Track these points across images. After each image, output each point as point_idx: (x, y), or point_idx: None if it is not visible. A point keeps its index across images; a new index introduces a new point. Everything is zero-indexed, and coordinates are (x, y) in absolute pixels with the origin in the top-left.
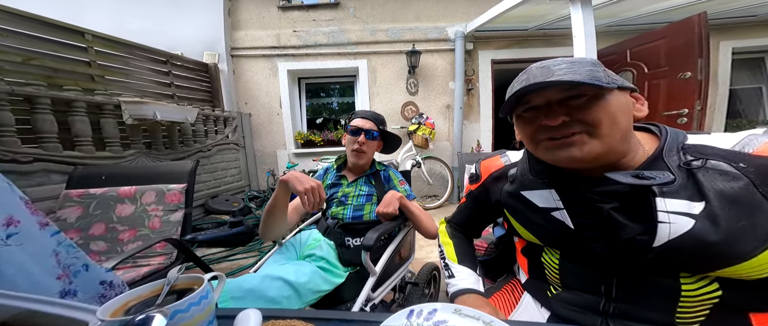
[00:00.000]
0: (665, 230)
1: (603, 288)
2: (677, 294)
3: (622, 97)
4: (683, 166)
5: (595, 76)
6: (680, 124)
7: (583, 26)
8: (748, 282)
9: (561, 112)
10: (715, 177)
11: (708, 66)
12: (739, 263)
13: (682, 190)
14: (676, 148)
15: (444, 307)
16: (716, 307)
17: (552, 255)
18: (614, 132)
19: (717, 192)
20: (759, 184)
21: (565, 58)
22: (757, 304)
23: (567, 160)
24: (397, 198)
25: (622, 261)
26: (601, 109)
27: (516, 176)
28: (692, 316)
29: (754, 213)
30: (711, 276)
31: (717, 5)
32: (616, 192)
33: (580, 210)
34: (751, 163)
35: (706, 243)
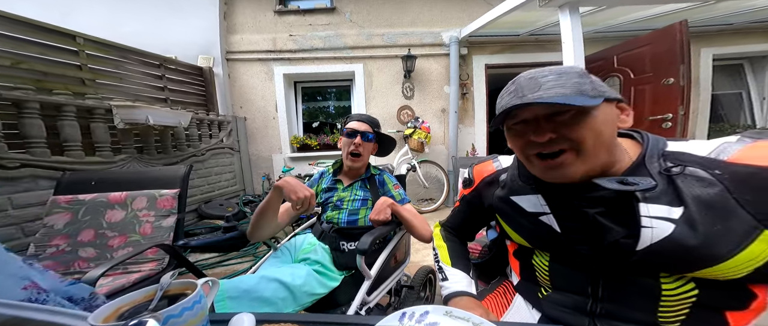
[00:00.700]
0: (648, 234)
1: (590, 289)
2: (658, 294)
3: (607, 109)
4: (663, 173)
5: (581, 90)
6: (665, 129)
7: (571, 32)
8: (722, 282)
9: (548, 128)
10: (692, 183)
11: (689, 72)
12: (715, 265)
13: (663, 196)
14: (657, 154)
15: (435, 309)
16: (695, 306)
17: (542, 258)
18: (598, 147)
19: (694, 198)
20: (733, 190)
21: (553, 69)
22: (732, 303)
23: (559, 180)
24: (388, 204)
25: (607, 263)
26: (586, 126)
27: (506, 181)
28: (673, 315)
29: (728, 218)
30: (688, 276)
31: (695, 13)
32: (601, 198)
33: (566, 215)
34: (725, 170)
35: (685, 247)
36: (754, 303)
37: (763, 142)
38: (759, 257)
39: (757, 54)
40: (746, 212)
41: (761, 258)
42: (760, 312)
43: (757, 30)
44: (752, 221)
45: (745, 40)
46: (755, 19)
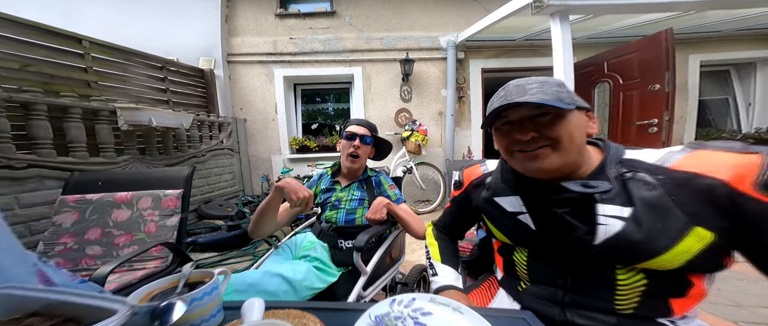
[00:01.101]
0: (603, 231)
1: (560, 281)
2: (614, 284)
3: (579, 116)
4: (618, 177)
5: (559, 97)
6: (651, 134)
7: (561, 39)
8: (665, 272)
9: (531, 128)
10: (640, 186)
11: (674, 79)
12: (656, 257)
13: (617, 197)
14: (615, 161)
15: (421, 297)
16: (644, 294)
17: (522, 254)
18: (572, 146)
19: (641, 199)
20: (671, 193)
21: (537, 78)
22: (674, 291)
23: (535, 171)
24: (384, 204)
25: (573, 257)
26: (563, 127)
27: (491, 184)
28: (627, 302)
29: (667, 216)
30: (637, 268)
31: (682, 21)
32: (568, 199)
33: (540, 214)
34: (667, 176)
35: (632, 242)
36: (692, 291)
37: (700, 152)
38: (691, 250)
39: (743, 61)
40: (681, 212)
41: (693, 251)
42: (699, 300)
43: (744, 37)
44: (685, 219)
45: (732, 47)
46: (741, 27)
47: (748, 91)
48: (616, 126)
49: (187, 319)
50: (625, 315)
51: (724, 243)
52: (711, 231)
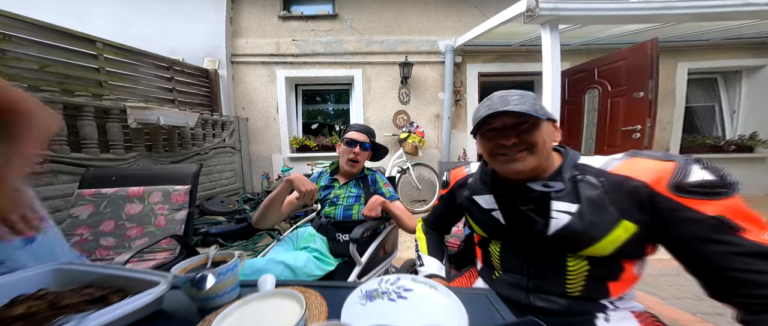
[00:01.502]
0: (554, 223)
1: (525, 269)
2: (565, 270)
3: (548, 125)
4: (571, 179)
5: (535, 108)
6: (634, 139)
7: (550, 47)
8: (602, 258)
9: (513, 134)
10: (587, 186)
11: (657, 87)
12: (594, 244)
13: (568, 195)
14: (571, 165)
15: (404, 276)
16: (588, 278)
17: (496, 246)
18: (544, 150)
19: (585, 197)
20: (609, 192)
21: (516, 92)
22: (610, 275)
23: (514, 172)
24: (379, 202)
25: (534, 247)
26: (538, 134)
27: (471, 184)
28: (575, 286)
29: (603, 211)
30: (582, 255)
31: (669, 31)
32: (531, 197)
33: (508, 210)
34: (607, 178)
35: (575, 232)
36: (624, 275)
37: (633, 159)
38: (619, 239)
39: (730, 69)
40: (614, 207)
41: (620, 240)
42: (631, 283)
43: (731, 46)
44: (617, 214)
45: (719, 56)
46: (729, 36)
47: (734, 99)
48: (603, 131)
49: (213, 290)
50: (574, 297)
51: (645, 234)
52: (635, 223)
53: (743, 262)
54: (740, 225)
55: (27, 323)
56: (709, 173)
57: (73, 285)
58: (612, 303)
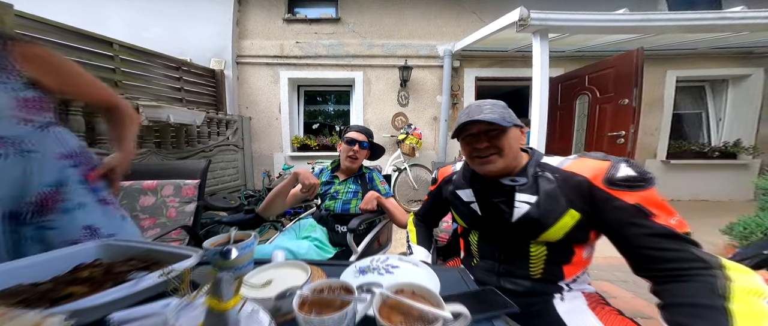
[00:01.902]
0: (517, 212)
1: (497, 255)
2: (528, 256)
3: (515, 131)
4: (533, 175)
5: (503, 117)
6: (619, 144)
7: (540, 54)
8: (556, 243)
9: (485, 139)
10: (544, 181)
11: (641, 94)
12: (547, 230)
13: (529, 188)
14: (535, 163)
15: (393, 256)
16: (546, 262)
17: (474, 236)
18: (510, 153)
19: (543, 190)
20: (560, 186)
21: (489, 101)
22: (564, 258)
23: (487, 171)
24: (375, 197)
25: (504, 235)
26: (505, 139)
27: (455, 180)
28: (537, 269)
29: (555, 202)
30: (540, 241)
31: (657, 40)
32: (502, 191)
33: (484, 203)
34: (560, 174)
35: (533, 219)
36: (575, 259)
37: (582, 159)
38: (566, 226)
39: (717, 78)
40: (564, 199)
41: (568, 226)
42: (582, 266)
43: (718, 56)
44: (565, 204)
45: (707, 65)
46: (716, 46)
47: (720, 107)
48: (591, 136)
49: (236, 261)
50: (536, 280)
51: (586, 221)
52: (579, 212)
53: (653, 242)
54: (652, 212)
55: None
56: (633, 170)
57: (120, 258)
58: (567, 285)
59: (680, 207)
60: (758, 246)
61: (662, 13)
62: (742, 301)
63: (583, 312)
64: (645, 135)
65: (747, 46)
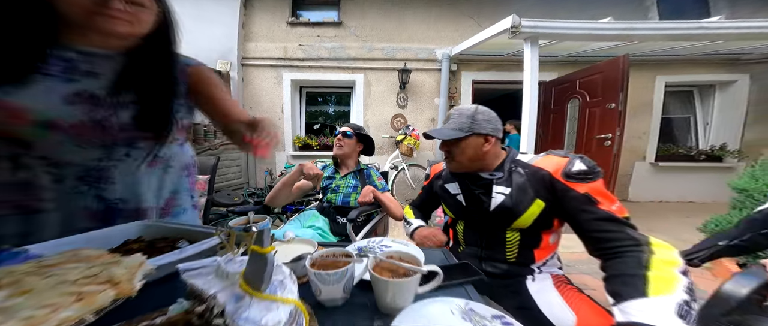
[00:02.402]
0: (494, 202)
1: (479, 241)
2: (505, 241)
3: (474, 139)
4: (508, 170)
5: (460, 127)
6: (606, 147)
7: (530, 60)
8: (527, 229)
9: (444, 146)
10: (517, 175)
11: (626, 99)
12: (518, 218)
13: (505, 182)
14: (511, 160)
15: (387, 238)
16: (519, 247)
17: (461, 225)
18: (462, 158)
19: (515, 183)
20: (529, 179)
21: (459, 109)
22: (533, 243)
23: (450, 169)
24: (371, 191)
25: (484, 223)
26: (457, 147)
27: (444, 175)
28: (512, 254)
29: (525, 193)
30: (514, 227)
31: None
32: (483, 184)
33: (467, 194)
34: (529, 169)
35: (507, 208)
36: (543, 244)
37: (548, 156)
38: (534, 213)
39: (705, 83)
40: (532, 190)
41: (535, 214)
42: (550, 251)
43: (706, 62)
44: (533, 194)
45: (695, 70)
46: (703, 52)
47: (708, 112)
48: (581, 139)
49: None
50: (511, 263)
51: (549, 210)
52: (544, 201)
53: (598, 225)
54: (598, 200)
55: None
56: (584, 165)
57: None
58: (538, 268)
59: (668, 207)
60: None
61: (643, 22)
62: (658, 269)
63: (549, 290)
64: (634, 138)
65: (733, 53)
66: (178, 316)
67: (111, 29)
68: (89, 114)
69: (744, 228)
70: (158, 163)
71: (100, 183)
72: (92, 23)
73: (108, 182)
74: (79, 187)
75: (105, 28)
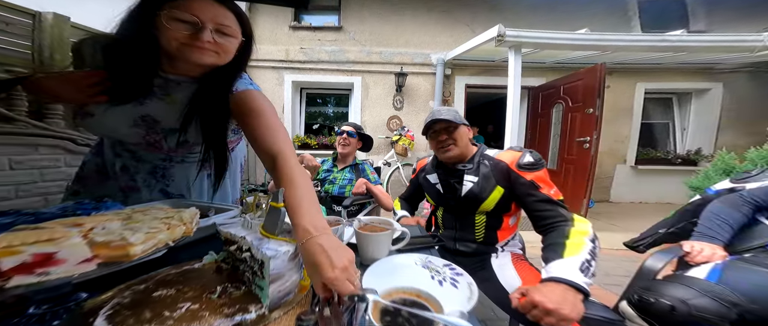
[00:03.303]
0: (464, 189)
1: (454, 224)
2: (474, 224)
3: (464, 129)
4: (477, 162)
5: (455, 118)
6: (585, 149)
7: (514, 67)
8: (490, 213)
9: (445, 133)
10: (483, 166)
11: (603, 104)
12: (483, 203)
13: (473, 172)
14: (480, 154)
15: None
16: (485, 228)
17: (440, 211)
18: (462, 144)
19: (482, 173)
20: (492, 170)
21: (445, 107)
22: (496, 225)
23: (447, 158)
24: (364, 183)
25: (458, 209)
26: (457, 133)
27: (426, 168)
28: (480, 234)
29: (488, 181)
30: (480, 211)
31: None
32: (457, 174)
33: (445, 183)
34: (492, 161)
35: (474, 194)
36: (504, 225)
37: (508, 151)
38: (495, 199)
39: (683, 90)
40: (494, 179)
41: (496, 199)
42: (510, 232)
43: (684, 70)
44: (494, 182)
45: (674, 78)
46: (681, 62)
47: (685, 118)
48: (564, 141)
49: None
50: (479, 243)
51: (508, 195)
52: (503, 188)
53: (539, 206)
54: (540, 185)
55: None
56: (532, 157)
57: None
58: (501, 247)
59: (646, 208)
60: (656, 226)
61: (614, 34)
62: (573, 238)
63: (508, 265)
64: (616, 142)
65: (708, 62)
66: (209, 264)
67: (198, 60)
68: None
69: (678, 218)
70: (207, 168)
71: (164, 179)
72: (183, 55)
73: (169, 178)
74: (149, 181)
75: (192, 59)
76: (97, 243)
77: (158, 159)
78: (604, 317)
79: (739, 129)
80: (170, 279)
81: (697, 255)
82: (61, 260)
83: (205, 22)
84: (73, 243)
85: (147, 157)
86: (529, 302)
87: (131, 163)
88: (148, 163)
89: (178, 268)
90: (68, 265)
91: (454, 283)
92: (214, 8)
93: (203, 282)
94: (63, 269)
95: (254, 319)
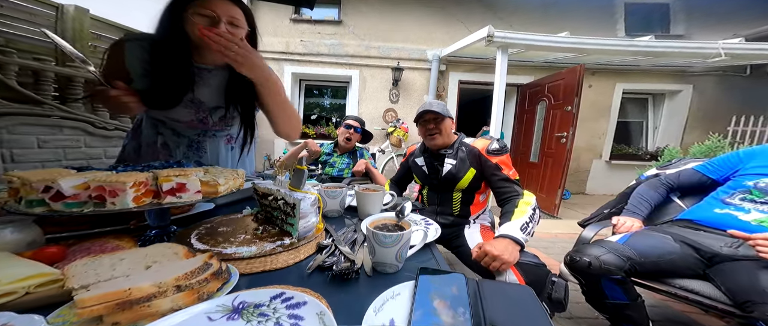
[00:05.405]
0: (444, 170)
1: (436, 200)
2: (451, 199)
3: (449, 121)
4: (457, 148)
5: (443, 111)
6: (562, 143)
7: (500, 65)
8: (465, 190)
9: (433, 123)
10: (461, 152)
11: (579, 103)
12: (459, 181)
13: (453, 156)
14: (459, 142)
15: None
16: (461, 203)
17: (425, 190)
18: (446, 134)
19: (459, 157)
20: (468, 155)
21: (435, 100)
22: (470, 200)
23: (433, 145)
24: (365, 163)
25: (439, 187)
26: (443, 124)
27: (415, 152)
28: (456, 208)
29: (464, 164)
30: (457, 189)
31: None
32: (441, 158)
33: (430, 166)
34: (467, 148)
35: (452, 174)
36: (476, 201)
37: (480, 139)
38: (468, 178)
39: (658, 91)
40: (468, 162)
41: (469, 178)
42: (481, 207)
43: (658, 72)
44: (468, 165)
45: (649, 80)
46: (655, 65)
47: (658, 117)
48: (545, 136)
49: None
50: (456, 216)
51: (478, 176)
52: (475, 169)
53: (500, 184)
54: (502, 167)
55: None
56: (498, 145)
57: None
58: (473, 220)
59: None
60: (602, 207)
61: (590, 38)
62: (520, 207)
63: (476, 233)
64: (594, 138)
65: (681, 66)
66: (248, 215)
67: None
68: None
69: (619, 200)
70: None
71: (198, 152)
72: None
73: (202, 151)
74: (187, 153)
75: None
76: (203, 181)
77: (195, 134)
78: (532, 261)
79: (705, 128)
80: (225, 222)
81: (621, 227)
82: (188, 189)
83: (221, 16)
84: (193, 179)
85: (186, 133)
86: (482, 251)
87: (172, 139)
88: (186, 137)
89: (226, 217)
90: (190, 194)
91: (427, 227)
92: (227, 5)
93: (246, 225)
94: (186, 196)
95: (288, 244)
